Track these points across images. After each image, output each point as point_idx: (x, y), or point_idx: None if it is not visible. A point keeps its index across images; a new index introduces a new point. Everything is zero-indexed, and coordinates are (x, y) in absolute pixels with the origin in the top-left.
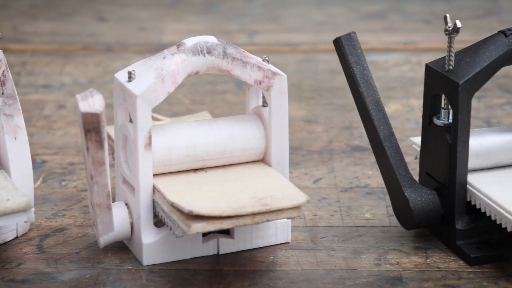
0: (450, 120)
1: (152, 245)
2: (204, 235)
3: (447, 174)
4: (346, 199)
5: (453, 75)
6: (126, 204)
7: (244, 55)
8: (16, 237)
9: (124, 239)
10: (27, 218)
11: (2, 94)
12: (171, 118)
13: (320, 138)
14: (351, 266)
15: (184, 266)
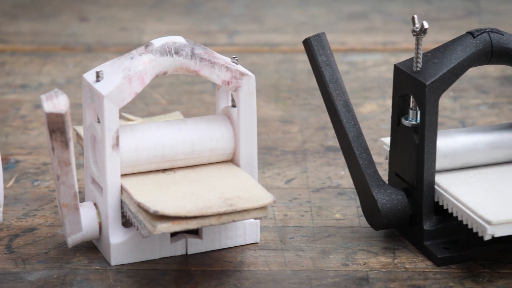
0: (418, 120)
1: (120, 245)
2: (173, 235)
3: (415, 174)
4: (317, 200)
5: (420, 76)
6: (95, 204)
7: (212, 56)
8: None
9: (93, 239)
10: None
11: None
12: (144, 118)
13: (295, 139)
14: (319, 266)
15: (152, 266)
